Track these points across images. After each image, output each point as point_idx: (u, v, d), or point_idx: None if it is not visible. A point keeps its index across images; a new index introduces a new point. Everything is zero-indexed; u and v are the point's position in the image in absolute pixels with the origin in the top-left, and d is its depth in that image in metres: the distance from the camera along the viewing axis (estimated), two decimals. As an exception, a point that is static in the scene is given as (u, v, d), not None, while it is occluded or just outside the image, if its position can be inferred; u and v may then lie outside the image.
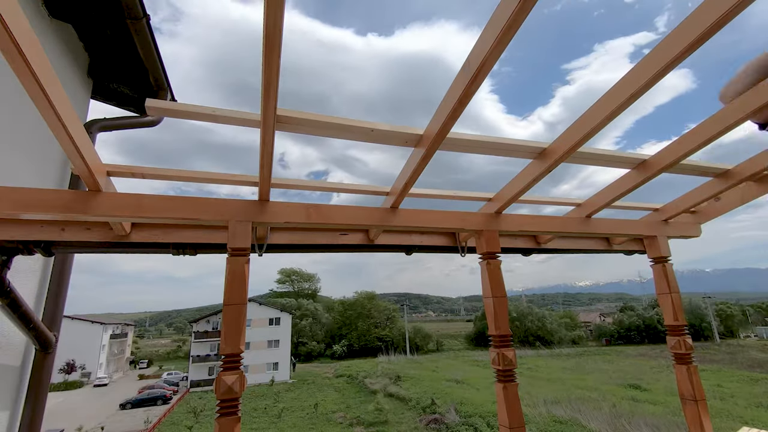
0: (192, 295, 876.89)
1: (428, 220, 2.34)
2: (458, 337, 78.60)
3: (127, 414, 32.60)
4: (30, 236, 1.96)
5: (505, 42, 1.21)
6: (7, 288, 2.04)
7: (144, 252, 2.26)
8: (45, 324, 2.61)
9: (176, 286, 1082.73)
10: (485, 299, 2.32)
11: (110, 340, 54.24)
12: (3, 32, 0.97)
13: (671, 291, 2.81)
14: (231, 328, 1.69)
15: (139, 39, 2.88)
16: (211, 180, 2.02)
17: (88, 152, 1.59)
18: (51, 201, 1.68)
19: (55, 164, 2.90)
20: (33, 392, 2.58)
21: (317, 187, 2.28)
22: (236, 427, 1.62)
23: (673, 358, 2.77)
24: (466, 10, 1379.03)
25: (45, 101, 1.20)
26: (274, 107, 1.39)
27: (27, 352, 2.64)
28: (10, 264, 2.00)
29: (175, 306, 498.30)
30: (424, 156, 1.80)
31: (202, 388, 40.94)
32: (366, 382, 36.51)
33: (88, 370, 48.41)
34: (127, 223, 2.09)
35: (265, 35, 1.09)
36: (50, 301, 2.79)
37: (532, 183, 2.16)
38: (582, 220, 2.75)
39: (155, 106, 1.52)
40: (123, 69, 3.44)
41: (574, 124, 1.84)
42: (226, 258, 1.81)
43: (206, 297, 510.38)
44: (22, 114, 2.44)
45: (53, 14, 2.76)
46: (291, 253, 2.53)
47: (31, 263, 2.62)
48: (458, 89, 1.44)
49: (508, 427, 2.05)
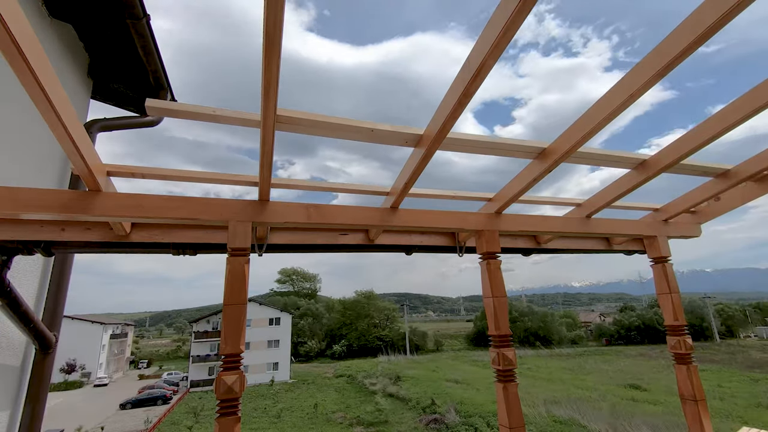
0: (192, 295, 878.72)
1: (428, 220, 2.34)
2: (458, 337, 78.59)
3: (127, 414, 32.59)
4: (30, 236, 1.96)
5: (504, 42, 1.21)
6: (7, 288, 2.04)
7: (144, 252, 2.26)
8: (45, 324, 2.61)
9: (176, 286, 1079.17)
10: (485, 299, 2.32)
11: (110, 340, 54.23)
12: (3, 32, 0.97)
13: (671, 291, 2.81)
14: (231, 328, 1.70)
15: (139, 39, 2.88)
16: (211, 180, 2.02)
17: (88, 152, 1.59)
18: (51, 201, 1.68)
19: (55, 164, 2.90)
20: (33, 392, 2.57)
21: (317, 187, 2.28)
22: (236, 427, 1.62)
23: (673, 358, 2.77)
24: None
25: (45, 101, 1.20)
26: (274, 107, 1.39)
27: (27, 352, 2.64)
28: (10, 264, 2.01)
29: (175, 306, 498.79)
30: (424, 156, 1.80)
31: (202, 388, 40.90)
32: (366, 382, 36.49)
33: (88, 370, 48.38)
34: (127, 223, 2.09)
35: (265, 35, 1.09)
36: (50, 301, 2.79)
37: (532, 183, 2.16)
38: (582, 220, 2.75)
39: (155, 106, 1.52)
40: (123, 69, 3.44)
41: (574, 125, 1.84)
42: (226, 258, 1.81)
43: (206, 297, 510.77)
44: (22, 114, 2.44)
45: (53, 14, 2.76)
46: (291, 253, 2.53)
47: (31, 263, 2.61)
48: (458, 89, 1.44)
49: (508, 427, 2.05)
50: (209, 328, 46.25)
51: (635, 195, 2.58)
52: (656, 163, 2.21)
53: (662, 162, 2.17)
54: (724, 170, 2.56)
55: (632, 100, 1.56)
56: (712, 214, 3.10)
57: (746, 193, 2.82)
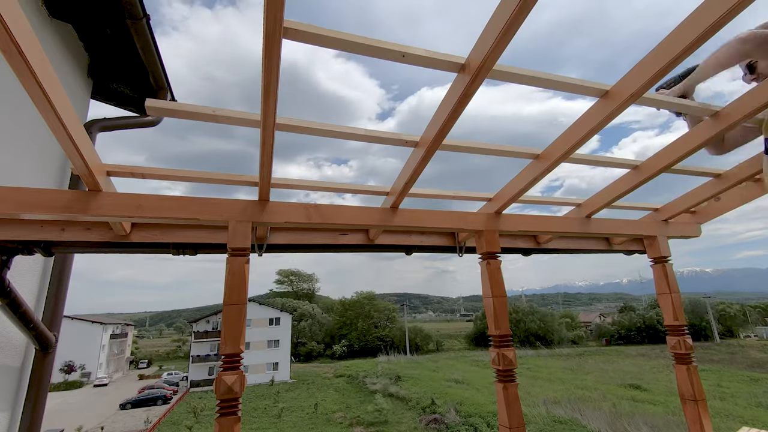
0: (192, 295, 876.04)
1: (428, 220, 2.34)
2: (458, 337, 78.59)
3: (127, 414, 32.59)
4: (30, 236, 1.96)
5: (504, 42, 1.21)
6: (7, 288, 2.04)
7: (144, 252, 2.27)
8: (45, 324, 2.61)
9: (176, 286, 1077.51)
10: (485, 299, 2.32)
11: (110, 340, 54.20)
12: (3, 32, 0.97)
13: (671, 291, 2.81)
14: (231, 328, 1.70)
15: (139, 39, 2.88)
16: (211, 180, 2.02)
17: (88, 152, 1.59)
18: (51, 201, 1.68)
19: (55, 164, 2.90)
20: (33, 392, 2.58)
21: (317, 187, 2.28)
22: (236, 427, 1.62)
23: (673, 358, 2.77)
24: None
25: (45, 101, 1.20)
26: (274, 107, 1.39)
27: (27, 352, 2.64)
28: (10, 264, 2.01)
29: (175, 306, 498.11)
30: (423, 156, 1.80)
31: (202, 388, 40.91)
32: (366, 382, 36.50)
33: (88, 370, 48.38)
34: (127, 223, 2.09)
35: (265, 35, 1.09)
36: (50, 301, 2.79)
37: (532, 183, 2.16)
38: (582, 220, 2.75)
39: (155, 106, 1.52)
40: (123, 69, 3.44)
41: (574, 125, 1.84)
42: (226, 258, 1.81)
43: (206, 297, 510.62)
44: (22, 114, 2.44)
45: (53, 14, 2.76)
46: (291, 253, 2.53)
47: (31, 263, 2.61)
48: (458, 89, 1.44)
49: (508, 427, 2.05)
50: (209, 328, 46.27)
51: (635, 195, 2.59)
52: (656, 164, 2.22)
53: (662, 162, 2.18)
54: (723, 170, 2.57)
55: (632, 99, 1.57)
56: (712, 214, 3.10)
57: (746, 193, 2.82)
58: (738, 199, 2.87)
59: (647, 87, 1.48)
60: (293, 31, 1.18)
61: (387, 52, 1.32)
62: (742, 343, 58.07)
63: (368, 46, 1.29)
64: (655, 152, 2.24)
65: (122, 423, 29.59)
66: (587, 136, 1.79)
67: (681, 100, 1.85)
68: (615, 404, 24.88)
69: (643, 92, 1.51)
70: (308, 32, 1.19)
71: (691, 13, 1.29)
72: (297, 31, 1.18)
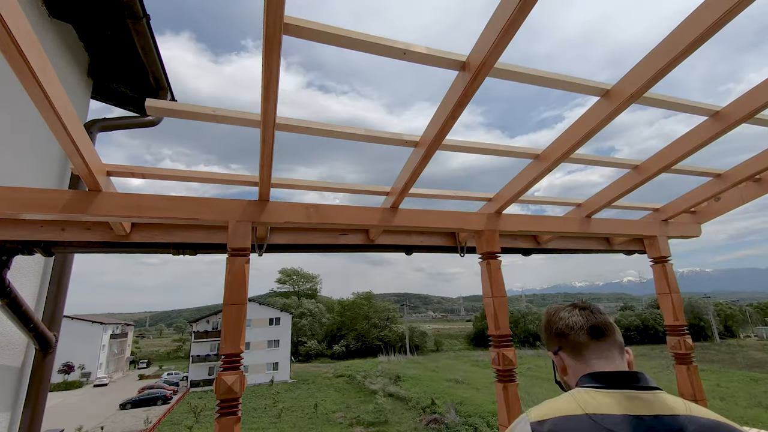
0: (192, 295, 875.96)
1: (428, 220, 2.34)
2: (458, 337, 78.56)
3: (127, 414, 32.57)
4: (30, 236, 1.96)
5: (505, 42, 1.22)
6: (7, 288, 2.04)
7: (144, 252, 2.26)
8: (45, 324, 2.61)
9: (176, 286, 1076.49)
10: (485, 299, 2.32)
11: (110, 340, 54.18)
12: (3, 32, 0.97)
13: (671, 291, 2.81)
14: (231, 328, 1.69)
15: (139, 39, 2.88)
16: (211, 180, 2.02)
17: (88, 152, 1.59)
18: (51, 201, 1.68)
19: (55, 164, 2.90)
20: (33, 392, 2.57)
21: (317, 187, 2.28)
22: (236, 427, 1.62)
23: (673, 358, 2.76)
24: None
25: (45, 101, 1.20)
26: (274, 107, 1.39)
27: (27, 352, 2.64)
28: (10, 264, 2.00)
29: (175, 306, 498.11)
30: (423, 156, 1.80)
31: (202, 388, 40.88)
32: (366, 382, 36.48)
33: (88, 370, 48.36)
34: (127, 223, 2.09)
35: (265, 35, 1.09)
36: (50, 301, 2.79)
37: (532, 183, 2.16)
38: (582, 220, 2.75)
39: (155, 106, 1.52)
40: (123, 69, 3.44)
41: (574, 125, 1.85)
42: (226, 258, 1.81)
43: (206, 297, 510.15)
44: (22, 114, 2.44)
45: (53, 14, 2.76)
46: (291, 253, 2.53)
47: (31, 263, 2.61)
48: (458, 89, 1.44)
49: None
50: (209, 328, 46.22)
51: (635, 195, 2.59)
52: (656, 164, 2.22)
53: (662, 162, 2.18)
54: (723, 171, 2.57)
55: (632, 99, 1.57)
56: (712, 214, 3.10)
57: (746, 193, 2.82)
58: (738, 199, 2.87)
59: (648, 87, 1.48)
60: (294, 27, 1.17)
61: (388, 49, 1.32)
62: (742, 343, 58.06)
63: (369, 43, 1.29)
64: (655, 152, 2.25)
65: (122, 423, 29.57)
66: (587, 136, 1.79)
67: (680, 99, 1.85)
68: (615, 404, 24.85)
69: (643, 92, 1.51)
70: (309, 28, 1.19)
71: (691, 13, 1.29)
72: (298, 27, 1.18)
